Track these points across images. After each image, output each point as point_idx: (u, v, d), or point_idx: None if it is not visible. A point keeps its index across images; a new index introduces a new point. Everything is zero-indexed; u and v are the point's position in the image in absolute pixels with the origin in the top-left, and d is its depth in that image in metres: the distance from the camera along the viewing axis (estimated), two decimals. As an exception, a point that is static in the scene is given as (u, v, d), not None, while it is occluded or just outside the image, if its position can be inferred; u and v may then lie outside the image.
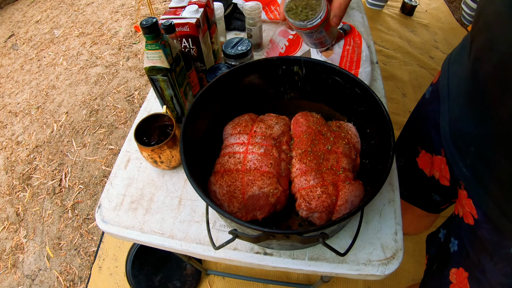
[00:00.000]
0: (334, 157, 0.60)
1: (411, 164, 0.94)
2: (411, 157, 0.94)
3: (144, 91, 2.17)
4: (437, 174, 0.81)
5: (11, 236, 1.61)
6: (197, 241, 0.65)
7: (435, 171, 0.82)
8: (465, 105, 0.61)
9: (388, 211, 0.67)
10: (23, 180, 1.81)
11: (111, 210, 0.71)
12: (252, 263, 0.62)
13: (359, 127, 0.69)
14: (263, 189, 0.56)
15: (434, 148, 0.80)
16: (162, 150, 0.68)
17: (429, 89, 0.83)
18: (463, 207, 0.66)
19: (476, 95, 0.57)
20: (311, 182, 0.56)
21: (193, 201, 0.71)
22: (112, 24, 2.81)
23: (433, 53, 2.33)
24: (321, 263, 0.61)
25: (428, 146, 0.83)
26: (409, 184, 1.01)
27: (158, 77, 0.69)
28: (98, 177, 1.77)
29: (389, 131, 0.53)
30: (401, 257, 0.61)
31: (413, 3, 2.59)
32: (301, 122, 0.65)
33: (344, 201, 0.55)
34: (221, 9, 1.01)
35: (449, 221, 0.82)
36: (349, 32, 1.08)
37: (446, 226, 0.85)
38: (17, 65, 2.56)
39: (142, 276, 1.27)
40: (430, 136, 0.80)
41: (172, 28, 0.73)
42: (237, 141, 0.64)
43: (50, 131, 2.03)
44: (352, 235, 0.64)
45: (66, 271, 1.46)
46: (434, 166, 0.82)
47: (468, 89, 0.60)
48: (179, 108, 0.78)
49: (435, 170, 0.82)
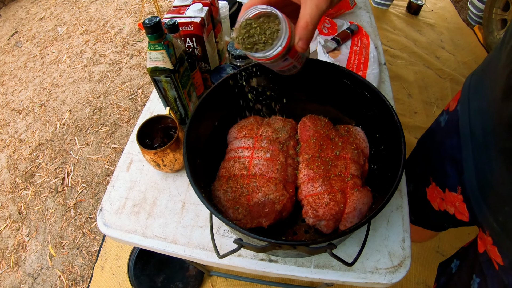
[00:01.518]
0: (342, 163, 0.58)
1: (420, 192, 0.88)
2: (420, 185, 0.87)
3: (148, 90, 2.16)
4: (452, 210, 0.75)
5: (14, 234, 1.61)
6: (200, 246, 0.63)
7: (448, 206, 0.75)
8: (498, 158, 0.53)
9: (396, 218, 0.66)
10: (26, 178, 1.81)
11: (113, 213, 0.69)
12: (256, 270, 0.61)
13: (368, 131, 0.67)
14: (269, 196, 0.55)
15: (448, 184, 0.73)
16: (165, 153, 0.66)
17: (445, 117, 0.76)
18: (488, 251, 0.62)
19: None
20: (319, 188, 0.54)
21: (197, 206, 0.69)
22: (116, 21, 2.80)
23: (439, 53, 2.30)
24: (327, 271, 0.59)
25: (441, 181, 0.76)
26: (418, 212, 0.94)
27: (161, 78, 0.67)
28: (101, 176, 1.76)
29: (400, 138, 0.51)
30: (408, 265, 0.60)
31: (419, 3, 2.56)
32: (309, 126, 0.64)
33: (352, 208, 0.53)
34: (226, 7, 0.99)
35: (464, 253, 0.78)
36: (356, 32, 1.06)
37: (460, 257, 0.80)
38: (21, 63, 2.56)
39: (144, 277, 1.26)
40: (444, 172, 0.73)
41: (176, 28, 0.71)
42: (243, 145, 0.63)
43: (53, 129, 2.02)
44: (359, 242, 0.63)
45: (68, 270, 1.46)
46: (446, 201, 0.76)
47: (501, 138, 0.52)
48: (183, 109, 0.76)
49: (448, 205, 0.76)
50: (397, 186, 0.47)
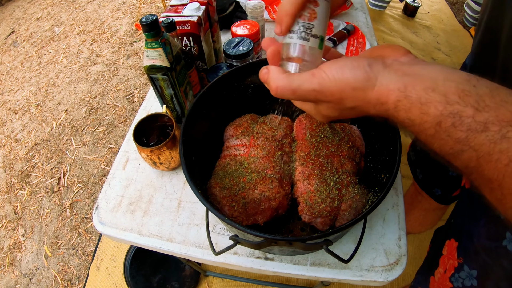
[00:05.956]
0: (338, 160, 0.58)
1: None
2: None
3: (144, 90, 2.16)
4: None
5: (9, 235, 1.60)
6: (196, 244, 0.63)
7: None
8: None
9: (392, 216, 0.66)
10: (22, 178, 1.80)
11: (109, 211, 0.69)
12: (252, 268, 0.61)
13: (363, 129, 0.67)
14: (265, 193, 0.55)
15: None
16: (162, 151, 0.66)
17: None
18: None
19: None
20: (314, 186, 0.54)
21: (193, 204, 0.69)
22: (113, 22, 2.80)
23: (435, 55, 2.31)
24: (323, 268, 0.59)
25: None
26: (427, 164, 0.99)
27: (158, 76, 0.67)
28: (97, 176, 1.75)
29: (396, 135, 0.52)
30: (404, 263, 0.60)
31: (416, 5, 2.57)
32: (304, 124, 0.64)
33: (348, 206, 0.53)
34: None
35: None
36: (353, 33, 1.07)
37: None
38: (17, 62, 2.55)
39: (140, 277, 1.25)
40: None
41: (173, 26, 0.71)
42: (238, 143, 0.63)
43: (50, 129, 2.02)
44: (355, 240, 0.63)
45: (64, 270, 1.45)
46: None
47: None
48: (179, 108, 0.76)
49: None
50: (392, 183, 0.47)
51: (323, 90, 0.33)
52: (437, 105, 0.27)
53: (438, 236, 0.88)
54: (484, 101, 0.26)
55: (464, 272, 0.64)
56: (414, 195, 1.21)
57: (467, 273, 0.63)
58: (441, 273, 0.71)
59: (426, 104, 0.28)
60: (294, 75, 0.34)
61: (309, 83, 0.33)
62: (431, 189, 1.05)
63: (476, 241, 0.61)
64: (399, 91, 0.29)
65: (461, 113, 0.26)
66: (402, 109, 0.29)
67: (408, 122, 0.30)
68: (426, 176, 1.04)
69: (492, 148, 0.25)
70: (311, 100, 0.35)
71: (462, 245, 0.66)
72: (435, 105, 0.27)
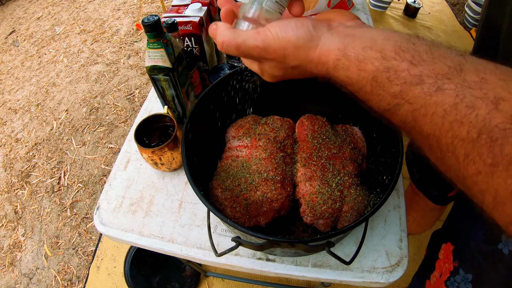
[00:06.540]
0: (339, 161, 0.58)
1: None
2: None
3: (145, 90, 2.16)
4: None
5: (9, 234, 1.60)
6: (197, 246, 0.63)
7: None
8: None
9: (393, 217, 0.66)
10: (22, 178, 1.79)
11: (110, 212, 0.69)
12: (254, 269, 0.61)
13: (365, 131, 0.67)
14: (267, 194, 0.55)
15: None
16: (163, 151, 0.66)
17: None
18: None
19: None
20: (316, 187, 0.54)
21: (194, 205, 0.69)
22: (114, 21, 2.79)
23: (436, 56, 2.31)
24: (325, 270, 0.59)
25: None
26: (423, 164, 0.97)
27: (160, 76, 0.67)
28: (97, 176, 1.75)
29: (398, 136, 0.52)
30: (406, 265, 0.60)
31: (417, 5, 2.57)
32: (306, 125, 0.64)
33: (349, 207, 0.53)
34: None
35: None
36: (354, 34, 1.06)
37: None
38: (18, 62, 2.54)
39: (141, 277, 1.25)
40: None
41: (175, 27, 0.71)
42: (240, 144, 0.63)
43: (50, 129, 2.01)
44: (356, 241, 0.63)
45: (64, 270, 1.45)
46: None
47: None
48: (181, 108, 0.76)
49: None
50: (394, 185, 0.47)
51: (266, 47, 0.33)
52: (374, 61, 0.28)
53: (435, 239, 0.88)
54: (421, 56, 0.26)
55: (459, 276, 0.64)
56: (411, 196, 1.21)
57: (463, 277, 0.63)
58: (436, 277, 0.71)
59: (363, 61, 0.28)
60: (240, 31, 0.35)
61: (253, 40, 0.34)
62: (427, 189, 1.05)
63: (472, 245, 0.60)
64: (339, 50, 0.30)
65: (396, 67, 0.27)
66: (341, 68, 0.30)
67: (347, 81, 0.31)
68: (422, 176, 1.03)
69: (428, 100, 0.25)
70: (255, 57, 0.36)
71: (458, 249, 0.65)
72: (372, 61, 0.28)
